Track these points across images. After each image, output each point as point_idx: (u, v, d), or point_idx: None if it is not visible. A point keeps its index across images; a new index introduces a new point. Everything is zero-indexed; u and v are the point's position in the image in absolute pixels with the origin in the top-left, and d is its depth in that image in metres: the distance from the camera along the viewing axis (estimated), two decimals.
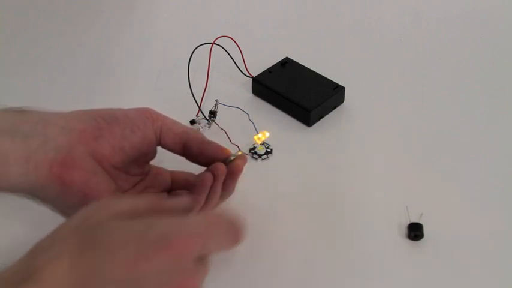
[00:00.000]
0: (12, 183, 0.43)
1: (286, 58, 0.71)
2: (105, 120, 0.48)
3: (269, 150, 0.62)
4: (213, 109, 0.64)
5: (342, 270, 0.51)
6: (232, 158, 0.50)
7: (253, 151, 0.62)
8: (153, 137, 0.50)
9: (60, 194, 0.45)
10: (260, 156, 0.62)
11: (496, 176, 0.60)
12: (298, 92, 0.66)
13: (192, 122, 0.65)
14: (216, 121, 0.64)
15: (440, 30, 0.81)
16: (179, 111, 0.65)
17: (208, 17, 0.83)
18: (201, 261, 0.40)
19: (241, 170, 0.51)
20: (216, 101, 0.64)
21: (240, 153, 0.51)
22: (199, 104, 0.65)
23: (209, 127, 0.64)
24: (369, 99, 0.69)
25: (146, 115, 0.50)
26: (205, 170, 0.50)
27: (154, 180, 0.53)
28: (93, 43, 0.79)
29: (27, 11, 0.84)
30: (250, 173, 0.53)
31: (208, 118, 0.64)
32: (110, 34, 0.81)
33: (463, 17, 0.83)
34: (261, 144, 0.62)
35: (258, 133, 0.61)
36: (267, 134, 0.54)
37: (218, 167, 0.49)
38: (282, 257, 0.52)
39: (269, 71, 0.69)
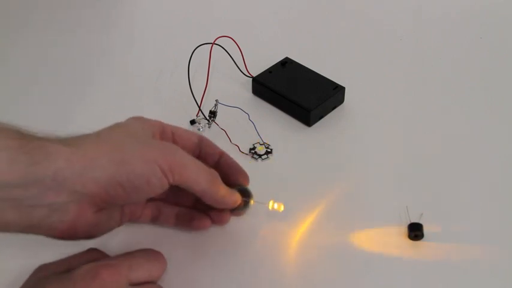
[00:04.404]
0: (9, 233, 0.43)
1: (286, 58, 0.71)
2: (124, 190, 0.44)
3: (269, 150, 0.62)
4: (213, 109, 0.64)
5: (341, 270, 0.51)
6: (243, 208, 0.52)
7: (253, 151, 0.62)
8: (165, 192, 0.48)
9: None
10: (260, 156, 0.62)
11: (496, 175, 0.60)
12: (298, 92, 0.66)
13: (192, 122, 0.65)
14: (216, 121, 0.64)
15: (440, 30, 0.81)
16: (179, 112, 0.66)
17: (208, 17, 0.83)
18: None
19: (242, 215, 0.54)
20: (216, 101, 0.64)
21: (252, 202, 0.52)
22: (199, 104, 0.65)
23: (209, 127, 0.64)
24: (369, 99, 0.69)
25: (167, 176, 0.45)
26: (211, 212, 0.52)
27: None
28: (92, 43, 0.79)
29: (24, 10, 0.84)
30: (250, 173, 0.53)
31: (208, 118, 0.64)
32: (109, 34, 0.81)
33: (463, 16, 0.83)
34: (261, 144, 0.62)
35: (260, 141, 0.61)
36: (283, 208, 0.53)
37: (224, 219, 0.52)
38: (281, 257, 0.52)
39: (269, 71, 0.69)
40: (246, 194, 0.52)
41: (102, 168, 0.42)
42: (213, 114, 0.64)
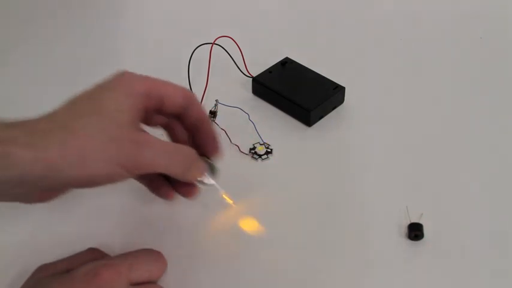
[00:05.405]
0: None
1: (286, 58, 0.71)
2: (86, 186, 0.44)
3: (269, 150, 0.62)
4: (213, 109, 0.64)
5: (341, 270, 0.51)
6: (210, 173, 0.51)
7: (253, 151, 0.62)
8: None
9: None
10: (260, 156, 0.62)
11: (496, 175, 0.60)
12: (298, 92, 0.66)
13: None
14: (216, 121, 0.64)
15: (440, 30, 0.81)
16: None
17: (208, 17, 0.83)
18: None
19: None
20: (216, 101, 0.64)
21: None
22: None
23: None
24: (369, 99, 0.69)
25: (131, 172, 0.44)
26: (178, 185, 0.50)
27: None
28: (92, 43, 0.79)
29: (23, 11, 0.84)
30: (250, 173, 0.53)
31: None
32: (109, 34, 0.81)
33: (463, 16, 0.83)
34: (261, 144, 0.62)
35: (260, 141, 0.61)
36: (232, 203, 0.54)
37: (192, 192, 0.50)
38: (281, 257, 0.52)
39: (269, 71, 0.69)
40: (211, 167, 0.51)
41: (63, 171, 0.41)
42: (213, 114, 0.64)
